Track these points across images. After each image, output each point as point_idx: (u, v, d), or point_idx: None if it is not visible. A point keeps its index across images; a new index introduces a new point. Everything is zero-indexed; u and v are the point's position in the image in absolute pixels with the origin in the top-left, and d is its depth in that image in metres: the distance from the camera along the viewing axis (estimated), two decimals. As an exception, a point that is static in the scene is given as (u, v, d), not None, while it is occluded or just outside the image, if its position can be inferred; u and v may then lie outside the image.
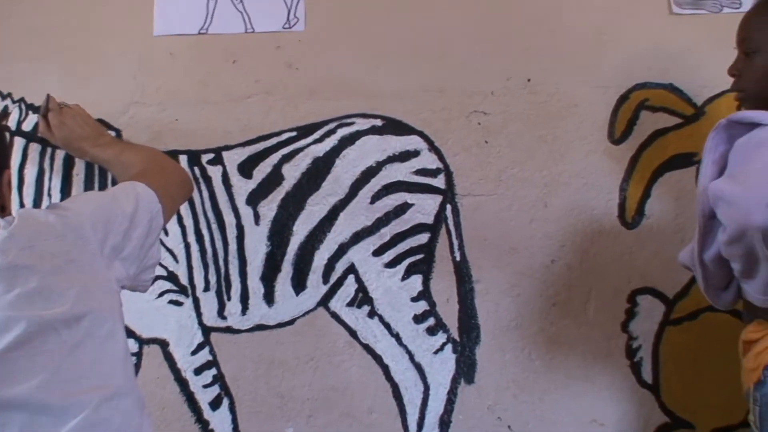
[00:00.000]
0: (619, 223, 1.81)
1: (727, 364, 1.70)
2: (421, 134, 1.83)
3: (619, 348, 1.78)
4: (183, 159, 1.82)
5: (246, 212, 1.81)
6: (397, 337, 1.80)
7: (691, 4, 1.84)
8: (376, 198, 1.81)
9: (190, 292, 1.81)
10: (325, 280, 1.81)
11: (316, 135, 1.83)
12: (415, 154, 1.82)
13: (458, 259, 1.80)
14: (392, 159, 1.82)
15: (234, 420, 1.80)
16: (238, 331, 1.81)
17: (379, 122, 1.83)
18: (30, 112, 1.83)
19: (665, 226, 1.80)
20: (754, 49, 1.40)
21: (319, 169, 1.82)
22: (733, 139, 1.31)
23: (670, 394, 1.77)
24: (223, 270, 1.81)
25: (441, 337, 1.80)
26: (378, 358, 1.80)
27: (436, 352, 1.79)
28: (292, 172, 1.82)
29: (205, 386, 1.80)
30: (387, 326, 1.80)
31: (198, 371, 1.80)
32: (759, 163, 1.21)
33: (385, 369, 1.79)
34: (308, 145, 1.83)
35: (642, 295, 1.79)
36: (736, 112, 1.39)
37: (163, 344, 1.81)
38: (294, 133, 1.84)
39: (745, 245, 1.19)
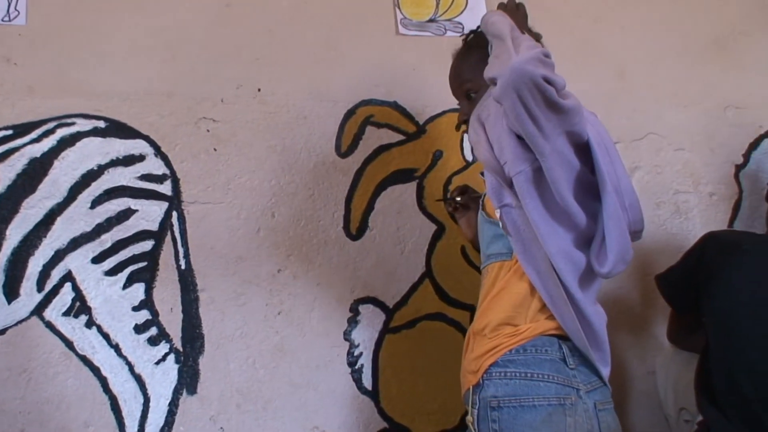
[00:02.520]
0: (344, 234, 1.85)
1: (441, 371, 1.80)
2: (147, 138, 1.79)
3: (341, 356, 1.83)
4: None
5: (-46, 214, 1.69)
6: (117, 348, 1.74)
7: (416, 26, 1.93)
8: (97, 203, 1.75)
9: None
10: (40, 287, 1.71)
11: (34, 134, 1.74)
12: (140, 158, 1.78)
13: (183, 267, 1.78)
14: (115, 163, 1.77)
15: (-63, 437, 1.67)
16: (-57, 342, 1.68)
17: (102, 124, 1.78)
18: None
19: (387, 238, 1.87)
20: (474, 89, 1.44)
21: (36, 171, 1.73)
22: None
23: (388, 400, 1.83)
24: (-74, 276, 1.68)
25: (163, 348, 1.76)
26: (96, 370, 1.72)
27: (157, 363, 1.75)
28: (6, 173, 1.71)
29: None
30: (106, 336, 1.73)
31: None
32: None
33: (103, 381, 1.73)
34: (24, 144, 1.73)
35: (364, 305, 1.85)
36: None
37: None
38: (9, 132, 1.74)
39: None
